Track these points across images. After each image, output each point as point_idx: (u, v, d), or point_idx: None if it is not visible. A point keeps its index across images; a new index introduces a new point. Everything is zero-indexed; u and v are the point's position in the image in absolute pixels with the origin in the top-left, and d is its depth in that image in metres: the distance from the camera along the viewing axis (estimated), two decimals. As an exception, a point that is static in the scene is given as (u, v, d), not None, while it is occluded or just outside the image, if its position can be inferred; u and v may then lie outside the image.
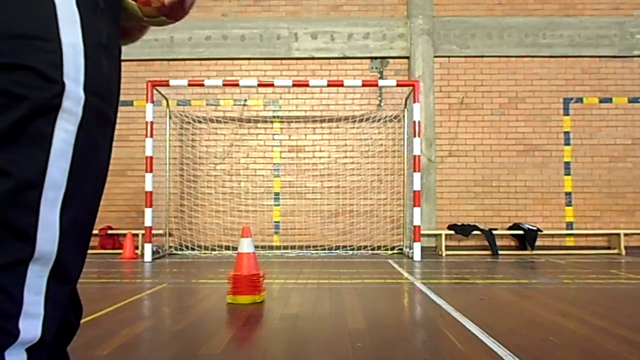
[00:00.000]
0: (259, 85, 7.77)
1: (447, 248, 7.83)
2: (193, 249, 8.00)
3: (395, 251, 8.05)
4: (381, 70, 8.48)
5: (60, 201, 0.82)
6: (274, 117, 8.48)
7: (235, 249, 5.10)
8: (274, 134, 8.47)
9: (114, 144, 0.99)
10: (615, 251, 7.97)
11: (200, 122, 8.35)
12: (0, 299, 0.77)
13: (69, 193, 0.83)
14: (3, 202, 0.77)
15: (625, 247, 7.90)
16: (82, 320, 1.34)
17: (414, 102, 7.30)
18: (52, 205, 0.81)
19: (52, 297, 0.83)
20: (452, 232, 7.94)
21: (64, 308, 0.87)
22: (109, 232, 8.02)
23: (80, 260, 0.90)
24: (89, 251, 0.99)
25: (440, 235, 7.85)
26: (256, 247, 4.54)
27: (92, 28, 0.86)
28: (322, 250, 8.02)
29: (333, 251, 8.00)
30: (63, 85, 0.81)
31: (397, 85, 7.68)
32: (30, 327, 0.80)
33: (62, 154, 0.82)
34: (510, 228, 8.15)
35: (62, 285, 0.85)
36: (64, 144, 0.82)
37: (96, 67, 0.86)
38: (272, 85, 7.79)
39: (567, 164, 8.34)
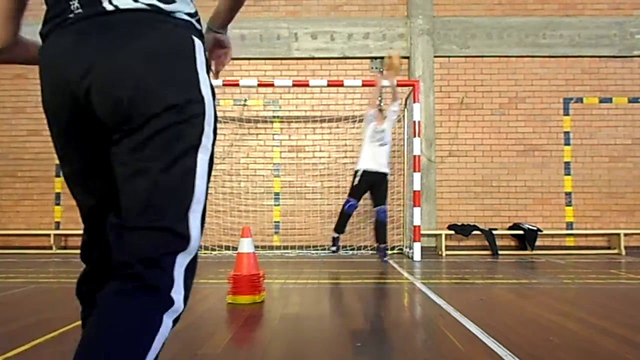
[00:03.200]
0: (259, 85, 7.77)
1: (447, 248, 7.82)
2: (193, 249, 7.99)
3: (395, 251, 8.05)
4: (381, 70, 8.47)
5: (201, 211, 1.13)
6: (274, 117, 8.48)
7: (235, 249, 5.10)
8: (274, 134, 8.47)
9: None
10: (615, 251, 7.97)
11: (200, 122, 8.34)
12: (161, 274, 1.05)
13: (204, 205, 1.14)
14: (166, 213, 1.07)
15: (625, 247, 7.90)
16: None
17: (414, 102, 7.29)
18: (195, 214, 1.11)
19: (186, 280, 1.10)
20: (452, 232, 7.93)
21: (191, 287, 1.13)
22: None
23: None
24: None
25: (440, 235, 7.85)
26: (256, 247, 4.53)
27: (212, 87, 1.17)
28: (322, 250, 8.02)
29: (333, 251, 7.99)
30: (203, 128, 1.11)
31: (397, 85, 7.67)
32: (179, 299, 1.07)
33: (202, 177, 1.12)
34: (510, 228, 8.14)
35: (192, 272, 1.13)
36: (203, 170, 1.12)
37: (216, 114, 1.17)
38: (272, 85, 7.79)
39: (567, 164, 8.34)
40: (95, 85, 1.04)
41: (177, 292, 1.07)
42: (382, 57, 8.49)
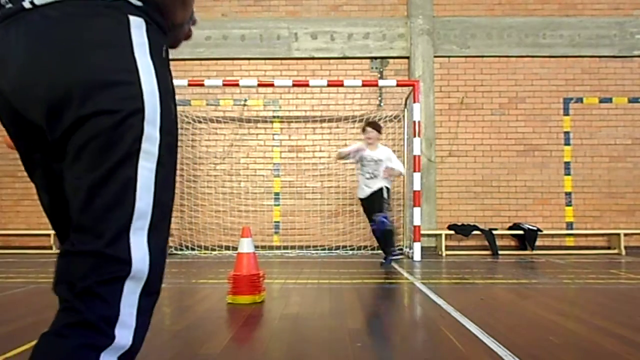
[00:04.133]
0: (259, 85, 7.77)
1: (447, 248, 7.82)
2: (193, 249, 8.00)
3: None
4: (381, 70, 8.47)
5: (147, 227, 0.96)
6: (274, 117, 8.48)
7: (235, 249, 5.10)
8: (274, 134, 8.47)
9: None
10: (615, 251, 7.97)
11: (200, 122, 8.35)
12: (102, 306, 0.91)
13: (154, 218, 0.97)
14: (98, 235, 0.93)
15: (625, 247, 7.89)
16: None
17: (414, 102, 7.29)
18: (140, 232, 0.95)
19: (143, 309, 0.97)
20: (452, 232, 7.93)
21: (151, 315, 1.01)
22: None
23: (163, 269, 1.03)
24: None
25: (440, 235, 7.85)
26: (256, 247, 4.53)
27: (163, 75, 1.00)
28: (322, 250, 8.02)
29: (333, 251, 7.99)
30: (142, 130, 0.95)
31: (397, 85, 7.68)
32: (124, 335, 0.93)
33: (146, 189, 0.96)
34: (510, 228, 8.14)
35: (152, 298, 1.00)
36: (147, 180, 0.96)
37: (167, 109, 1.00)
38: (272, 85, 7.79)
39: (567, 164, 8.34)
40: (15, 89, 0.96)
41: (124, 327, 0.93)
42: (382, 57, 8.49)
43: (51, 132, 0.95)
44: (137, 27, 0.97)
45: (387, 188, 6.03)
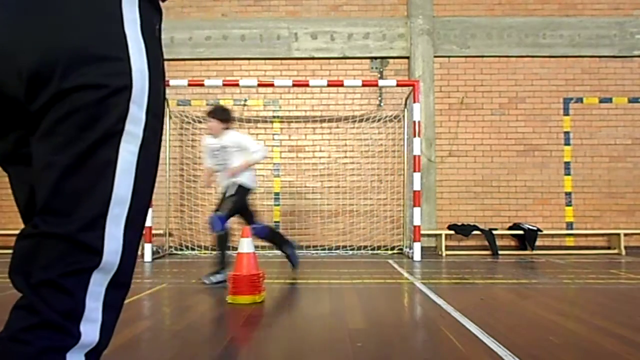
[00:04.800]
0: (259, 85, 7.76)
1: (447, 248, 7.82)
2: (193, 249, 8.00)
3: (395, 251, 8.05)
4: (381, 70, 8.47)
5: (125, 216, 0.90)
6: (274, 117, 8.48)
7: (235, 249, 5.08)
8: (274, 134, 8.47)
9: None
10: (615, 251, 7.97)
11: (200, 122, 8.35)
12: (66, 301, 0.84)
13: (132, 207, 0.91)
14: (70, 218, 0.86)
15: (625, 247, 7.89)
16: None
17: (414, 102, 7.29)
18: (117, 220, 0.89)
19: (110, 303, 0.90)
20: (452, 232, 7.93)
21: (119, 311, 0.94)
22: (109, 232, 8.01)
23: (134, 264, 0.97)
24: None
25: (440, 235, 7.85)
26: (256, 247, 4.52)
27: (153, 54, 0.94)
28: (322, 250, 8.02)
29: (333, 251, 7.99)
30: (127, 109, 0.89)
31: (397, 85, 7.68)
32: (90, 331, 0.87)
33: (126, 173, 0.90)
34: (510, 228, 8.14)
35: (120, 291, 0.93)
36: (128, 164, 0.90)
37: (156, 90, 0.94)
38: (272, 85, 7.79)
39: (567, 164, 8.34)
40: None
41: (89, 322, 0.87)
42: (382, 57, 8.49)
43: (30, 106, 0.87)
44: (129, 2, 0.92)
45: (245, 187, 4.89)
